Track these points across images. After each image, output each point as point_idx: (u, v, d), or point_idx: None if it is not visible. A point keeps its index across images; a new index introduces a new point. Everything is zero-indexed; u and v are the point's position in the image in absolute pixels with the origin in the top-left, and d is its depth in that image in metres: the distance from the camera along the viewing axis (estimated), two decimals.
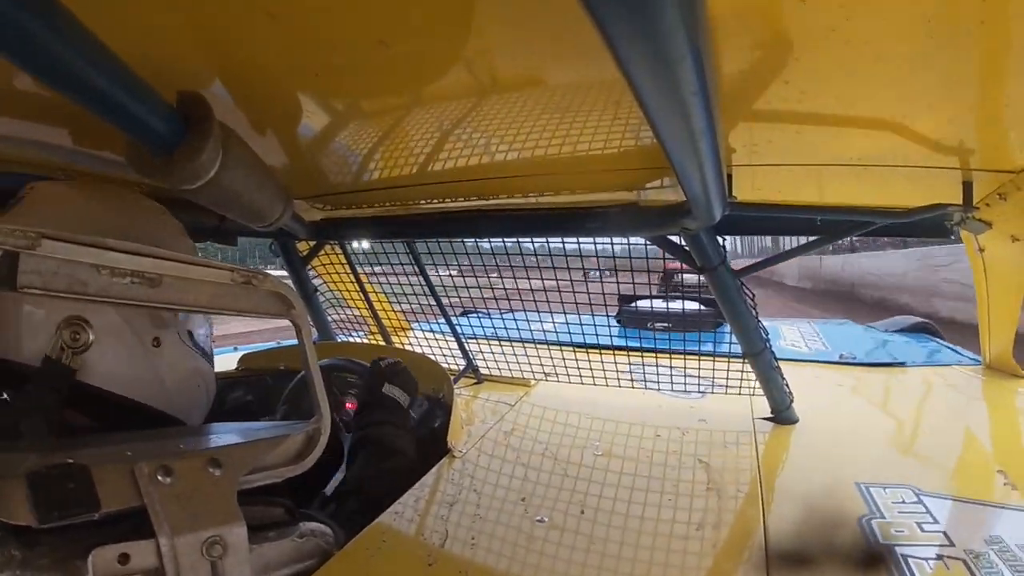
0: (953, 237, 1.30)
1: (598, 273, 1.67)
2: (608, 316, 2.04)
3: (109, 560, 0.57)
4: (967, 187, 1.06)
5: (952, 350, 2.28)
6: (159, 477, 0.60)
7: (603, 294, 1.53)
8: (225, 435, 0.75)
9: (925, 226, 1.23)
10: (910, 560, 0.85)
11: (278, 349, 1.80)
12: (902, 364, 2.06)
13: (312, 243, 1.81)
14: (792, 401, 1.44)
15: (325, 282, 2.01)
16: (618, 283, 1.53)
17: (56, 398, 0.69)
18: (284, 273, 1.86)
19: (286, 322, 0.77)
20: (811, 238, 1.25)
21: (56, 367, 0.69)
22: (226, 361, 1.72)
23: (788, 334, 2.56)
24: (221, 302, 0.70)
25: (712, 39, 0.54)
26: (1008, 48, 0.60)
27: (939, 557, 0.86)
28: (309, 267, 1.89)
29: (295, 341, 0.79)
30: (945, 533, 0.92)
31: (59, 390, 0.70)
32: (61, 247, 0.56)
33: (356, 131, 0.95)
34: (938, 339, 2.56)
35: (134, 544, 0.58)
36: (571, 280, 1.53)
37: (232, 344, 2.29)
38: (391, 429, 1.18)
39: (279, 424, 0.79)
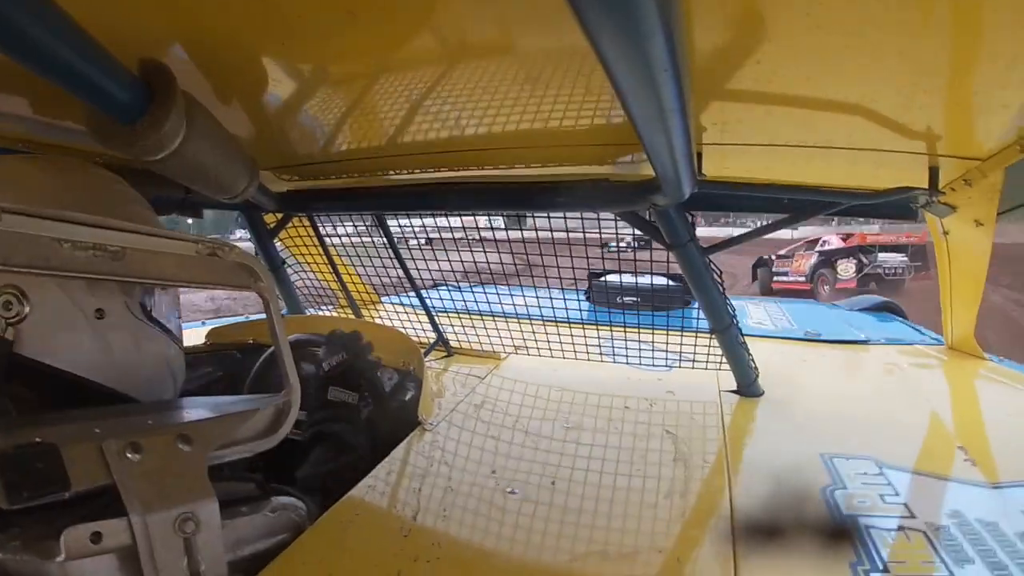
0: (919, 219, 1.33)
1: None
2: (577, 291, 2.05)
3: (81, 539, 0.56)
4: (933, 172, 1.08)
5: (915, 330, 2.34)
6: (128, 454, 0.60)
7: (572, 268, 1.53)
8: (194, 410, 0.74)
9: (891, 208, 1.25)
10: (872, 531, 0.88)
11: (247, 323, 1.77)
12: (865, 342, 2.11)
13: (279, 215, 1.79)
14: (758, 376, 1.47)
15: (293, 255, 1.99)
16: (587, 258, 1.53)
17: None
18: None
19: None
20: (778, 216, 1.28)
21: None
22: (194, 336, 1.70)
23: (755, 313, 2.60)
24: (186, 274, 0.69)
25: (684, 16, 0.54)
26: (978, 38, 0.61)
27: (900, 528, 0.89)
28: (277, 239, 1.86)
29: (264, 315, 0.78)
30: (906, 505, 0.95)
31: None
32: (21, 220, 0.55)
33: (324, 100, 0.94)
34: (901, 318, 2.62)
35: (106, 523, 0.58)
36: (540, 254, 1.54)
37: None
38: (343, 426, 1.18)
39: (248, 398, 0.78)
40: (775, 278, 13.32)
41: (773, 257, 13.51)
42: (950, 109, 0.82)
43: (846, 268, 11.97)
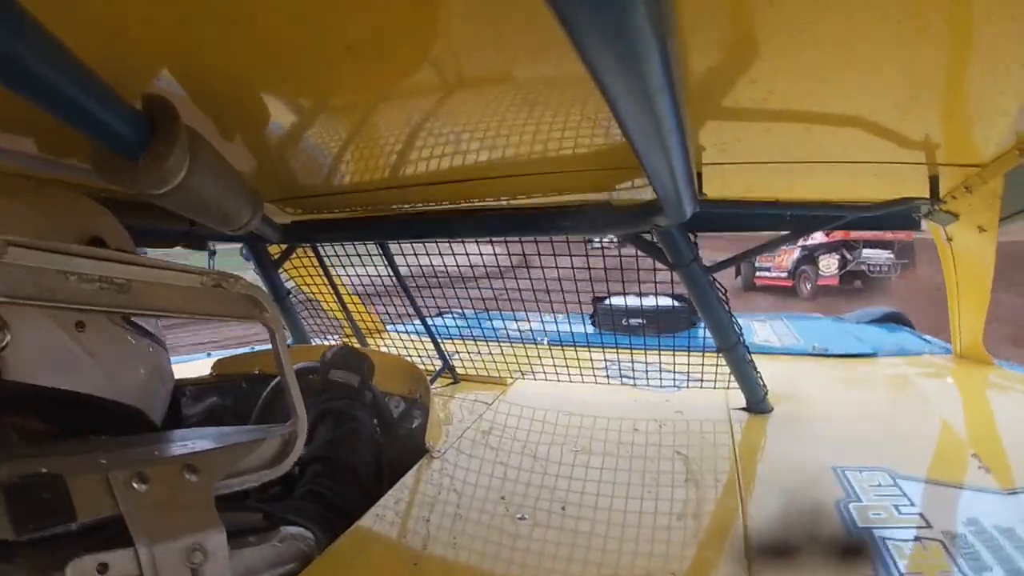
0: (921, 228, 1.33)
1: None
2: (583, 315, 2.05)
3: (87, 570, 0.56)
4: (934, 181, 1.08)
5: (923, 339, 2.32)
6: (135, 484, 0.59)
7: (577, 292, 1.54)
8: (200, 440, 0.74)
9: (893, 218, 1.25)
10: (888, 542, 0.87)
11: (252, 354, 1.78)
12: (873, 354, 2.09)
13: (283, 246, 1.80)
14: (766, 393, 1.46)
15: (298, 285, 1.99)
16: (591, 281, 1.54)
17: None
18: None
19: None
20: (781, 233, 1.28)
21: None
22: (199, 367, 1.70)
23: (760, 331, 2.59)
24: (192, 306, 0.69)
25: (679, 37, 0.55)
26: (974, 47, 0.62)
27: (917, 539, 0.88)
28: (281, 270, 1.87)
29: (269, 345, 0.78)
30: (922, 515, 0.94)
31: None
32: (28, 254, 0.55)
33: (325, 134, 0.95)
34: (909, 328, 2.60)
35: (112, 553, 0.57)
36: (544, 279, 1.54)
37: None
38: (345, 403, 1.21)
39: (255, 428, 0.78)
40: (758, 274, 12.79)
41: None
42: (948, 118, 0.82)
43: (828, 264, 11.33)
